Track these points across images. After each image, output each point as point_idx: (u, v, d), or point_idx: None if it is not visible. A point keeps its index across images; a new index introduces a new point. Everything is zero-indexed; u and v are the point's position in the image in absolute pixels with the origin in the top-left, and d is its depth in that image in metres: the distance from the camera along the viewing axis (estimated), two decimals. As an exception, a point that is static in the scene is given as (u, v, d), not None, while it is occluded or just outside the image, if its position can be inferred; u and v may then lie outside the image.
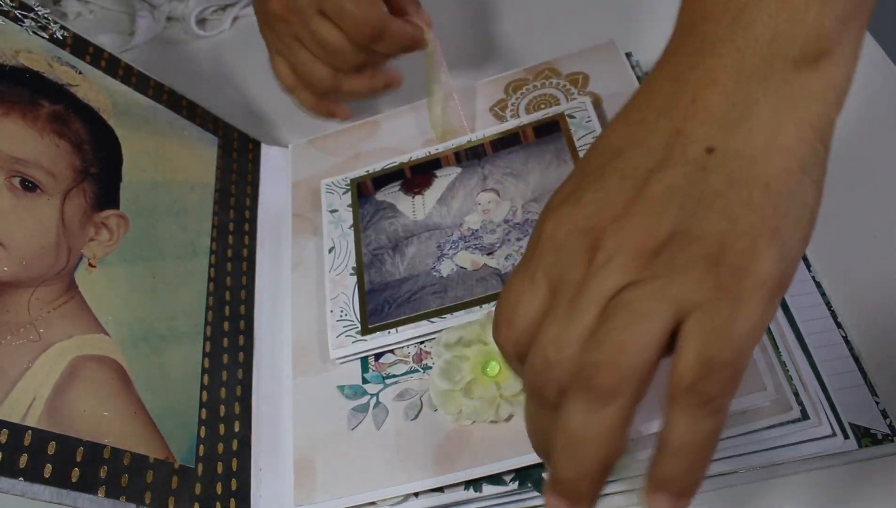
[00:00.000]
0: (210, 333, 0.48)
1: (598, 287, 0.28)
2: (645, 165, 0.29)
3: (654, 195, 0.28)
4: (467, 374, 0.42)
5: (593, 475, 0.28)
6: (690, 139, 0.29)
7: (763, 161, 0.29)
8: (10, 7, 0.47)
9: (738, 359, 0.27)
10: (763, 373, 0.38)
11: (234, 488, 0.44)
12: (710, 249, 0.27)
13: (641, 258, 0.27)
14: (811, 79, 0.30)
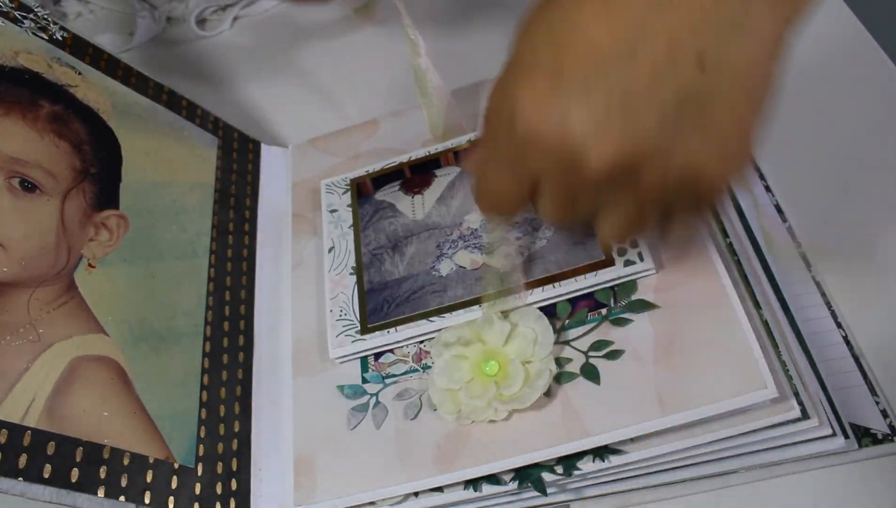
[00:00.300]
0: (210, 333, 0.48)
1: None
2: (634, 87, 0.29)
3: (642, 121, 0.29)
4: (466, 373, 0.42)
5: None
6: (685, 53, 0.29)
7: (750, 74, 0.31)
8: (10, 8, 0.47)
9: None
10: (763, 372, 0.38)
11: (234, 488, 0.44)
12: (688, 173, 0.30)
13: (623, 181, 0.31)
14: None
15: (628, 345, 0.41)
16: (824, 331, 0.48)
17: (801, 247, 0.52)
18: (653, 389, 0.39)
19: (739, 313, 0.40)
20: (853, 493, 0.43)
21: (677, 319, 0.41)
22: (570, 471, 0.40)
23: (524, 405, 0.40)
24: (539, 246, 0.45)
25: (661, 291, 0.42)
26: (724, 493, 0.44)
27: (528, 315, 0.42)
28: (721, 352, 0.39)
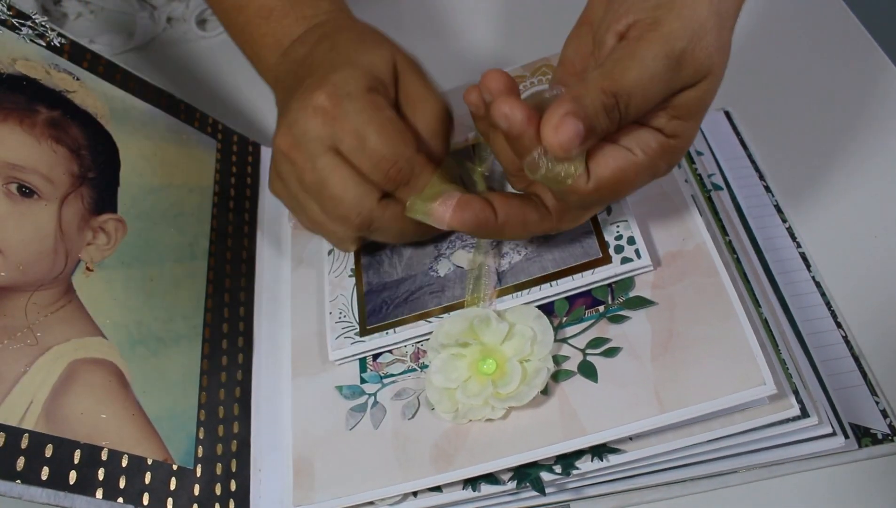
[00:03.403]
0: (209, 335, 0.48)
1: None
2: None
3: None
4: (464, 372, 0.42)
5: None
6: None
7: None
8: (8, 16, 0.47)
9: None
10: (762, 369, 0.38)
11: (233, 489, 0.44)
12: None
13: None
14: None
15: (626, 342, 0.41)
16: (824, 331, 0.48)
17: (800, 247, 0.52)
18: (651, 386, 0.39)
19: (738, 310, 0.40)
20: (853, 493, 0.43)
21: (675, 316, 0.41)
22: (568, 470, 0.40)
23: (521, 403, 0.40)
24: (536, 245, 0.45)
25: (658, 288, 0.42)
26: (723, 493, 0.43)
27: (527, 314, 0.42)
28: (719, 349, 0.39)
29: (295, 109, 0.42)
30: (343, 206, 0.41)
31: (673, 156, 0.37)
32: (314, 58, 0.45)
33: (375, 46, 0.44)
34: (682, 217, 0.44)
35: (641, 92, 0.34)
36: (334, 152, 0.41)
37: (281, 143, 0.42)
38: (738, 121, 0.59)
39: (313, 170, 0.41)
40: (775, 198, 0.55)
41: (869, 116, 0.58)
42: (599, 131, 0.34)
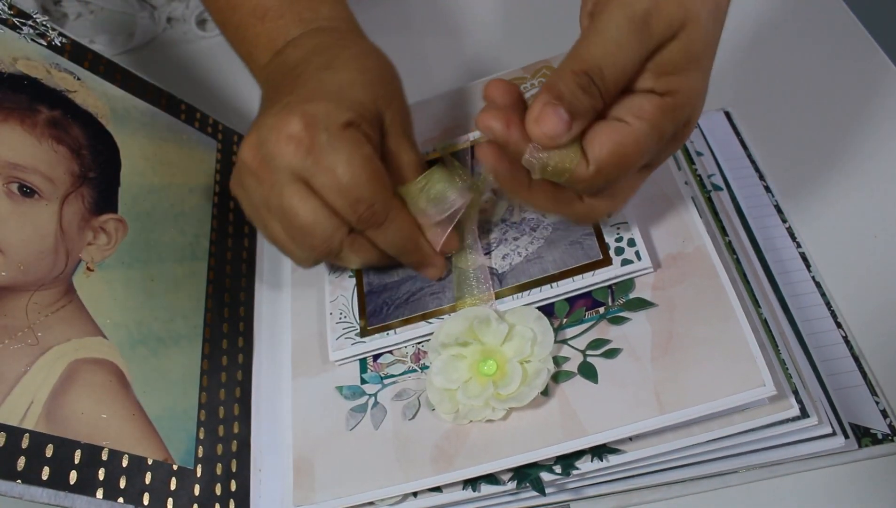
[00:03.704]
0: (209, 335, 0.48)
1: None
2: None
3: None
4: (464, 373, 0.42)
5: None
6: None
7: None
8: (9, 15, 0.47)
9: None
10: (762, 370, 0.38)
11: (234, 489, 0.44)
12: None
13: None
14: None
15: (626, 344, 0.41)
16: (824, 331, 0.48)
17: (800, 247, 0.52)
18: (651, 387, 0.39)
19: (738, 310, 0.40)
20: (853, 493, 0.43)
21: (675, 317, 0.41)
22: (568, 471, 0.40)
23: (521, 404, 0.40)
24: (537, 246, 0.45)
25: (658, 289, 0.42)
26: (723, 493, 0.44)
27: (527, 315, 0.42)
28: (719, 350, 0.39)
29: (267, 127, 0.40)
30: (312, 237, 0.40)
31: (675, 113, 0.35)
32: (305, 70, 0.43)
33: (371, 85, 0.42)
34: (683, 219, 0.44)
35: (611, 62, 0.34)
36: (302, 183, 0.40)
37: (247, 156, 0.41)
38: (738, 121, 0.59)
39: (280, 196, 0.40)
40: (775, 198, 0.55)
41: (869, 117, 0.58)
42: (584, 112, 0.34)
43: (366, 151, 0.40)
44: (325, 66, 0.43)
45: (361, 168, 0.39)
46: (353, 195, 0.39)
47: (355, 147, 0.39)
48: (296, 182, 0.40)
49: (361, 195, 0.39)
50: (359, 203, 0.39)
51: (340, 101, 0.40)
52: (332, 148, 0.39)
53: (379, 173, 0.40)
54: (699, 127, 0.58)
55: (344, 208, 0.40)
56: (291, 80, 0.43)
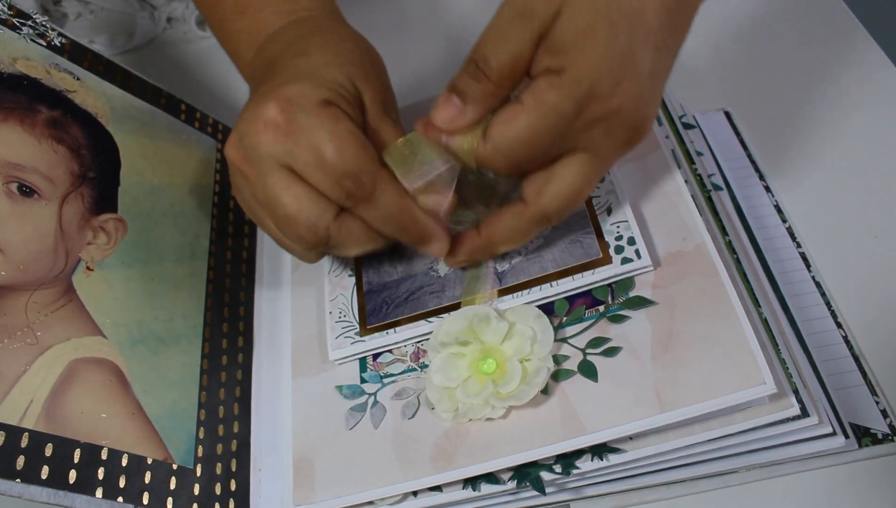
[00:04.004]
0: (209, 334, 0.48)
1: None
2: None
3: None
4: (464, 371, 0.42)
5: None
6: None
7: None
8: (9, 15, 0.47)
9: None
10: (762, 368, 0.38)
11: (233, 488, 0.44)
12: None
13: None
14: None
15: (626, 342, 0.41)
16: (824, 331, 0.48)
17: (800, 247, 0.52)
18: (651, 386, 0.39)
19: (738, 308, 0.40)
20: (853, 493, 0.43)
21: (675, 315, 0.41)
22: (568, 470, 0.40)
23: (521, 403, 0.40)
24: (536, 245, 0.45)
25: (658, 287, 0.42)
26: (723, 493, 0.43)
27: (527, 314, 0.42)
28: (719, 348, 0.39)
29: (246, 120, 0.39)
30: (297, 225, 0.39)
31: (570, 88, 0.35)
32: (280, 60, 0.43)
33: (347, 65, 0.42)
34: (682, 217, 0.44)
35: (494, 47, 0.36)
36: (286, 169, 0.39)
37: (231, 153, 0.40)
38: (738, 121, 0.59)
39: (264, 187, 0.39)
40: (775, 198, 0.55)
41: (869, 117, 0.58)
42: (474, 97, 0.37)
43: (346, 125, 0.39)
44: (299, 53, 0.42)
45: (343, 142, 0.38)
46: (338, 170, 0.38)
47: (335, 122, 0.38)
48: (279, 170, 0.39)
49: (346, 169, 0.38)
50: (344, 177, 0.38)
51: (315, 80, 0.40)
52: (311, 126, 0.38)
53: (362, 146, 0.39)
54: (699, 127, 0.58)
55: (330, 186, 0.38)
56: (269, 73, 0.43)
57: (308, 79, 0.40)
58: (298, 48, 0.43)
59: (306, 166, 0.38)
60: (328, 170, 0.38)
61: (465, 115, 0.37)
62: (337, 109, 0.39)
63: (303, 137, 0.38)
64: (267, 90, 0.40)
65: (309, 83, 0.39)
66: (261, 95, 0.40)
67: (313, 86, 0.39)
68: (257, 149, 0.38)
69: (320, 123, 0.38)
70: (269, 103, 0.38)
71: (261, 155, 0.39)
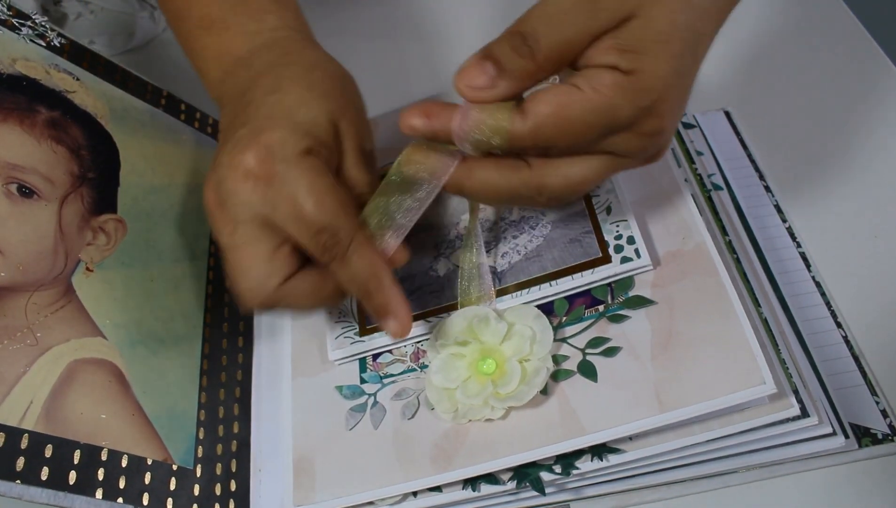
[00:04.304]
0: (209, 335, 0.48)
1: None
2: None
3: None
4: (463, 372, 0.42)
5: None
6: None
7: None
8: (8, 16, 0.47)
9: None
10: (762, 368, 0.38)
11: (233, 489, 0.44)
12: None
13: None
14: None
15: (625, 342, 0.41)
16: (824, 331, 0.48)
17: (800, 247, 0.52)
18: (650, 386, 0.39)
19: (738, 309, 0.40)
20: (853, 493, 0.42)
21: (675, 315, 0.41)
22: (568, 470, 0.40)
23: (521, 403, 0.40)
24: (536, 244, 0.45)
25: (658, 287, 0.42)
26: (724, 493, 0.43)
27: (526, 314, 0.42)
28: (719, 348, 0.39)
29: (224, 166, 0.38)
30: (245, 279, 0.39)
31: (636, 95, 0.33)
32: (254, 96, 0.41)
33: (321, 99, 0.41)
34: (682, 217, 0.44)
35: (549, 27, 0.33)
36: (259, 222, 0.38)
37: (207, 196, 0.39)
38: (738, 121, 0.59)
39: (230, 235, 0.38)
40: (775, 198, 0.55)
41: (869, 117, 0.58)
42: (511, 71, 0.34)
43: (327, 179, 0.38)
44: (272, 89, 0.41)
45: (323, 196, 0.37)
46: (316, 224, 0.37)
47: (315, 175, 0.38)
48: (251, 221, 0.38)
49: (324, 224, 0.37)
50: (321, 232, 0.37)
51: (294, 126, 0.39)
52: (291, 178, 0.37)
53: (342, 201, 0.38)
54: (699, 127, 0.58)
55: (307, 239, 0.38)
56: (243, 108, 0.41)
57: (286, 124, 0.39)
58: (269, 83, 0.42)
59: (285, 218, 0.38)
60: (306, 223, 0.37)
61: (496, 88, 0.34)
62: (318, 159, 0.39)
63: (283, 188, 0.37)
64: (245, 136, 0.39)
65: (288, 130, 0.38)
66: (238, 140, 0.39)
67: (293, 133, 0.38)
68: (234, 197, 0.38)
69: (300, 174, 0.37)
70: (249, 152, 0.38)
71: (236, 203, 0.38)
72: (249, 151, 0.38)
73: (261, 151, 0.37)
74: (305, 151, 0.38)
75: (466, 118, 0.34)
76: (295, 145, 0.38)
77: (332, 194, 0.38)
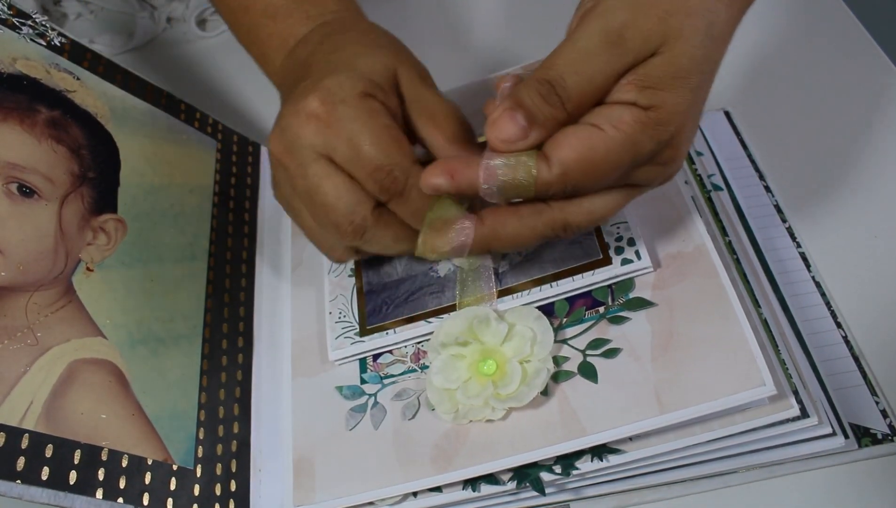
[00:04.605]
0: (209, 335, 0.48)
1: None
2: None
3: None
4: (464, 373, 0.42)
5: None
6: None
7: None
8: (8, 15, 0.47)
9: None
10: (762, 370, 0.38)
11: (233, 489, 0.44)
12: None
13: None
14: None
15: (626, 343, 0.41)
16: (824, 331, 0.48)
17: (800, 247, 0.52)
18: (651, 387, 0.39)
19: (738, 310, 0.40)
20: (853, 493, 0.43)
21: (675, 317, 0.41)
22: (568, 471, 0.40)
23: (521, 404, 0.40)
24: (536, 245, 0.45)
25: (658, 289, 0.42)
26: (724, 493, 0.43)
27: (527, 315, 0.42)
28: (719, 350, 0.39)
29: (287, 114, 0.40)
30: (335, 213, 0.40)
31: (656, 130, 0.34)
32: (314, 59, 0.44)
33: (378, 49, 0.43)
34: (682, 218, 0.44)
35: (576, 71, 0.33)
36: (327, 160, 0.40)
37: (274, 148, 0.41)
38: (738, 121, 0.59)
39: (305, 177, 0.40)
40: (775, 198, 0.55)
41: (869, 117, 0.58)
42: (543, 120, 0.34)
43: (383, 119, 0.39)
44: (332, 49, 0.44)
45: (379, 136, 0.39)
46: (373, 163, 0.39)
47: (372, 116, 0.39)
48: (319, 160, 0.39)
49: (381, 163, 0.38)
50: (378, 171, 0.39)
51: (352, 71, 0.40)
52: (349, 118, 0.39)
53: (398, 141, 0.39)
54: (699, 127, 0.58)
55: (365, 178, 0.39)
56: (303, 72, 0.43)
57: (345, 70, 0.40)
58: (330, 45, 0.44)
59: (344, 158, 0.39)
60: (364, 162, 0.39)
61: (528, 138, 0.34)
62: (374, 101, 0.40)
63: (342, 128, 0.39)
64: (308, 84, 0.41)
65: (347, 75, 0.40)
66: (302, 89, 0.41)
67: (351, 78, 0.40)
68: (299, 140, 0.39)
69: (358, 115, 0.39)
70: (311, 96, 0.39)
71: (302, 146, 0.39)
72: (311, 95, 0.39)
73: (321, 94, 0.39)
74: (363, 94, 0.40)
75: (492, 174, 0.35)
76: (353, 88, 0.39)
77: (387, 133, 0.39)
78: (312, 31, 0.47)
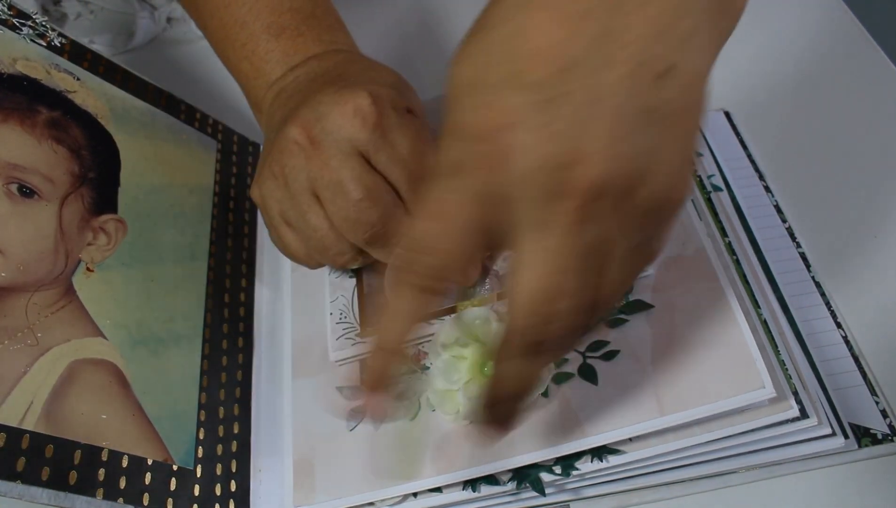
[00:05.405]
0: (209, 335, 0.48)
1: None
2: (606, 94, 0.26)
3: (618, 136, 0.26)
4: (465, 374, 0.42)
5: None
6: (654, 64, 0.26)
7: (699, 87, 0.28)
8: (8, 15, 0.47)
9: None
10: (761, 372, 0.38)
11: (234, 489, 0.44)
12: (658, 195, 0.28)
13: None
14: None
15: (625, 345, 0.41)
16: (824, 331, 0.48)
17: (800, 247, 0.52)
18: (650, 389, 0.39)
19: (737, 312, 0.40)
20: (853, 493, 0.43)
21: (675, 319, 0.41)
22: (568, 471, 0.40)
23: (521, 405, 0.40)
24: None
25: (658, 291, 0.42)
26: (724, 493, 0.43)
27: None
28: (719, 352, 0.39)
29: (328, 104, 0.40)
30: (367, 213, 0.40)
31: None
32: (348, 70, 0.44)
33: (395, 86, 0.44)
34: (682, 222, 0.44)
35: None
36: (363, 158, 0.40)
37: (297, 134, 0.40)
38: (738, 121, 0.59)
39: (338, 168, 0.39)
40: (775, 198, 0.55)
41: (869, 117, 0.58)
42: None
43: (427, 134, 0.42)
44: (368, 67, 0.45)
45: (423, 147, 0.41)
46: (416, 173, 0.40)
47: (417, 128, 0.41)
48: (356, 156, 0.40)
49: (419, 172, 0.40)
50: (416, 179, 0.40)
51: (399, 90, 0.42)
52: (398, 125, 0.40)
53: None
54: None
55: (401, 181, 0.40)
56: (335, 77, 0.44)
57: (391, 87, 0.42)
58: (364, 65, 0.45)
59: (386, 160, 0.40)
60: (403, 166, 0.40)
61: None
62: (417, 119, 0.42)
63: (390, 132, 0.40)
64: (354, 84, 0.41)
65: (395, 91, 0.42)
66: (345, 86, 0.41)
67: (399, 94, 0.42)
68: (339, 132, 0.40)
69: (406, 123, 0.41)
70: (362, 93, 0.40)
71: (340, 138, 0.40)
72: (363, 93, 0.40)
73: (373, 95, 0.40)
74: (408, 109, 0.42)
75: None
76: (401, 102, 0.42)
77: (429, 147, 0.41)
78: (328, 52, 0.47)
